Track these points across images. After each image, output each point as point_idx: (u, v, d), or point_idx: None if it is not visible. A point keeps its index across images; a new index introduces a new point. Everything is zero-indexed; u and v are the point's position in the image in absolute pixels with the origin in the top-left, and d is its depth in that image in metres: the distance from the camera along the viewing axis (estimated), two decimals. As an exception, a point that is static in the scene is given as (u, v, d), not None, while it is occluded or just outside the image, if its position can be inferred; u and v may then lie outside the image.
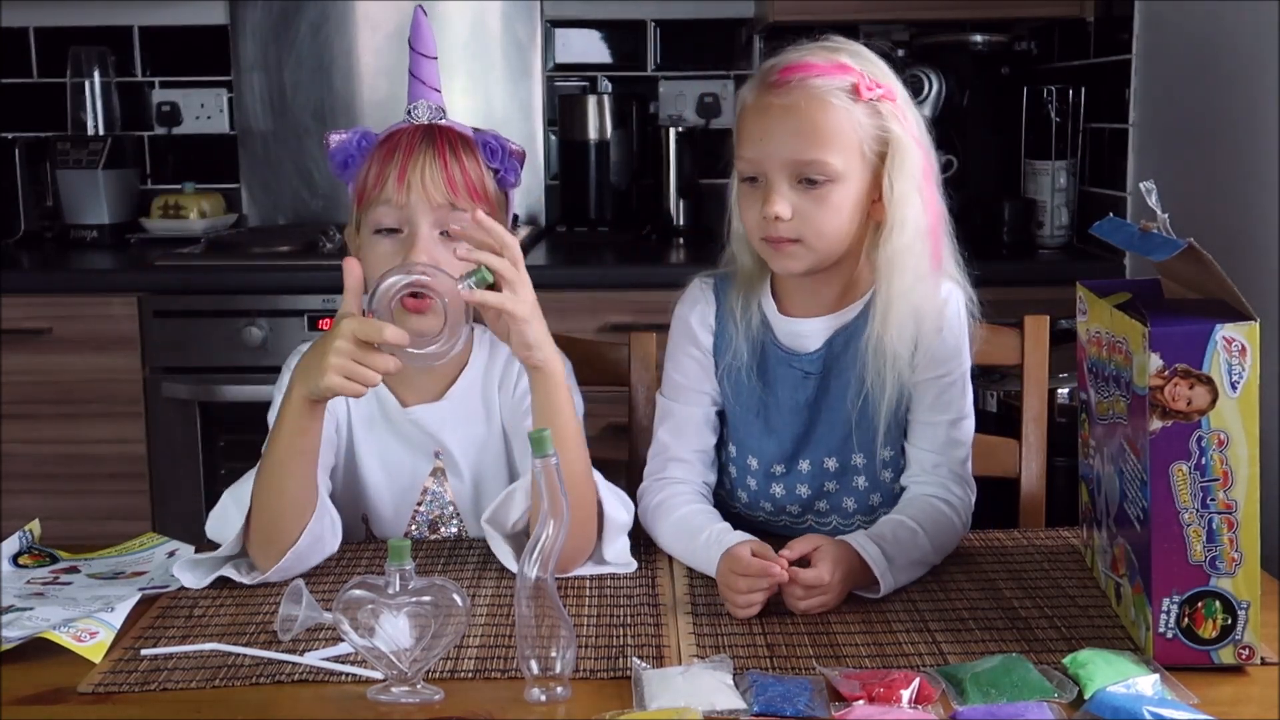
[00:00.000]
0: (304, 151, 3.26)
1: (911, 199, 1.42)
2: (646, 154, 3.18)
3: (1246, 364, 1.11)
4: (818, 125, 1.40)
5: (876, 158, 1.42)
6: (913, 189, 1.42)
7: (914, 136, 1.43)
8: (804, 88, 1.40)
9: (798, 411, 1.52)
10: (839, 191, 1.41)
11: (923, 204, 1.43)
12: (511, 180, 1.49)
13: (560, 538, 1.12)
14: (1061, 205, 2.83)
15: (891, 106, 1.42)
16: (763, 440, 1.54)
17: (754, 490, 1.56)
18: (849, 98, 1.40)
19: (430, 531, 1.56)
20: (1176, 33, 2.36)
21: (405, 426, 1.52)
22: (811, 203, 1.41)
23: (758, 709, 1.08)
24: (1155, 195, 1.20)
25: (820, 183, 1.40)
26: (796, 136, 1.40)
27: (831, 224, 1.42)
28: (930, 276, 1.45)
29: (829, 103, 1.40)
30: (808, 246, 1.43)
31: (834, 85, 1.40)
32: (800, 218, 1.41)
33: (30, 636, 1.20)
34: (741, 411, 1.54)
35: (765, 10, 2.90)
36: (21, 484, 2.68)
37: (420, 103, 1.46)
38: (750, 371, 1.51)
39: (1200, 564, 1.14)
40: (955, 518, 1.47)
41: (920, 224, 1.43)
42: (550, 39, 3.26)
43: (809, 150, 1.40)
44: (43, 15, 3.20)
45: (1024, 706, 1.08)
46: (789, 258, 1.44)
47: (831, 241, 1.43)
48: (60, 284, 2.70)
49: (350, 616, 1.11)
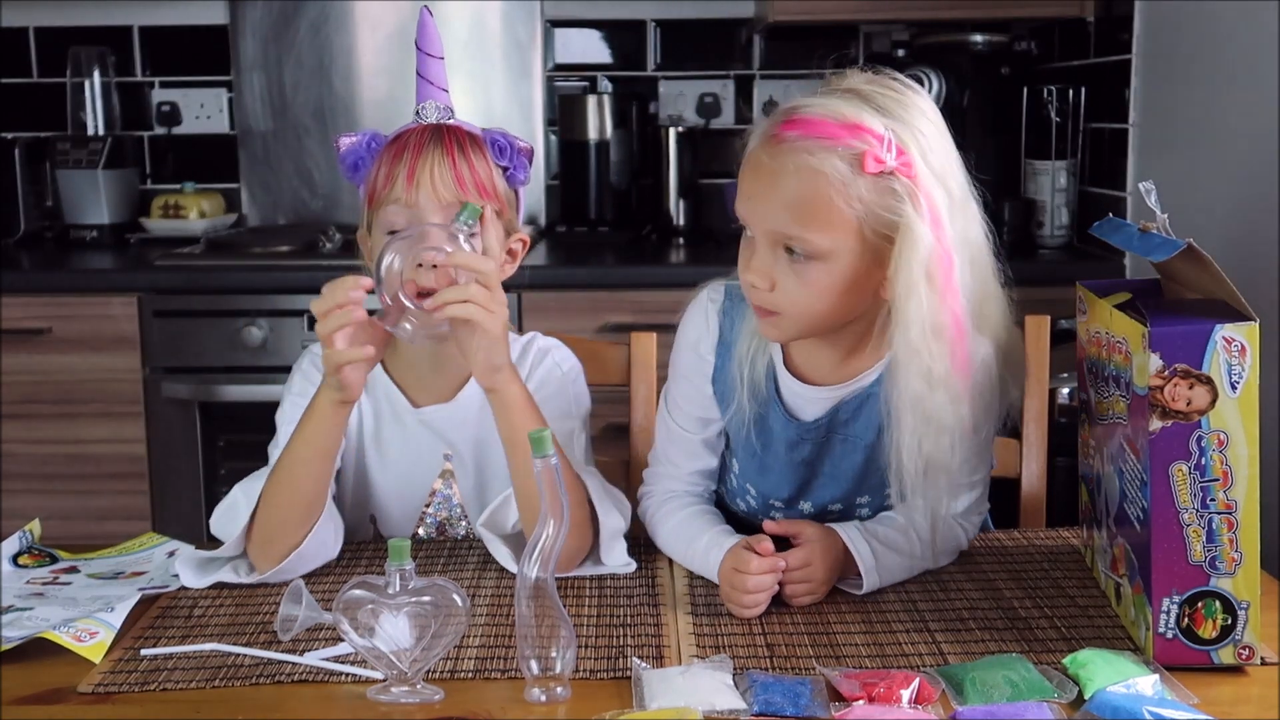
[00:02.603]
0: (304, 151, 3.26)
1: (916, 292, 1.24)
2: (646, 154, 3.18)
3: (1246, 364, 1.11)
4: (804, 199, 1.24)
5: (882, 239, 1.26)
6: (919, 280, 1.24)
7: (935, 220, 1.25)
8: (796, 152, 1.24)
9: (795, 468, 1.46)
10: (823, 271, 1.27)
11: (937, 297, 1.25)
12: (521, 178, 1.49)
13: (560, 538, 1.12)
14: (1061, 205, 2.83)
15: (909, 184, 1.24)
16: (760, 480, 1.50)
17: (753, 507, 1.53)
18: (849, 170, 1.23)
19: (438, 533, 1.56)
20: (1176, 33, 2.36)
21: (415, 427, 1.52)
22: (793, 278, 1.28)
23: (758, 709, 1.08)
24: (1155, 195, 1.20)
25: (805, 259, 1.27)
26: (781, 209, 1.26)
27: (812, 305, 1.29)
28: (947, 382, 1.28)
29: (822, 174, 1.23)
30: (789, 319, 1.31)
31: (833, 153, 1.23)
32: (780, 291, 1.29)
33: (30, 636, 1.20)
34: (739, 451, 1.50)
35: (765, 10, 2.89)
36: (21, 484, 2.68)
37: (429, 103, 1.46)
38: (750, 425, 1.44)
39: (1200, 564, 1.14)
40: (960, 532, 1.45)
41: (931, 321, 1.26)
42: (550, 39, 3.26)
43: (792, 226, 1.26)
44: (43, 15, 3.20)
45: (1024, 706, 1.08)
46: (770, 326, 1.33)
47: (814, 320, 1.31)
48: (60, 284, 2.70)
49: (350, 616, 1.11)
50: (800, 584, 1.31)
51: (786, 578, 1.30)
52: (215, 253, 2.85)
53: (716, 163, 3.26)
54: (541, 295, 2.63)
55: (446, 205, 1.40)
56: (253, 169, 3.28)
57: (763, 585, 1.29)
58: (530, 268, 2.63)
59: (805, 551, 1.31)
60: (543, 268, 2.69)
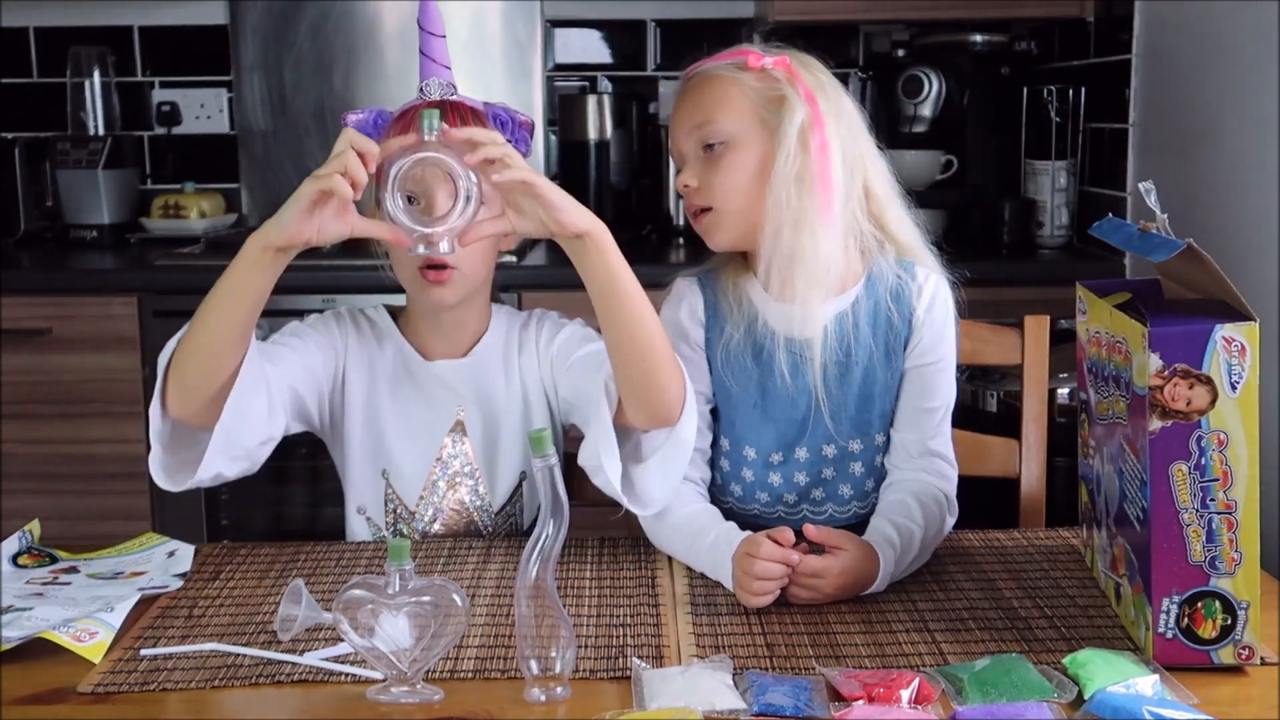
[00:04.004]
0: (304, 151, 3.26)
1: (786, 147, 1.44)
2: (646, 154, 3.18)
3: (1246, 364, 1.11)
4: (707, 95, 1.49)
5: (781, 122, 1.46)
6: (792, 138, 1.44)
7: (807, 98, 1.46)
8: (700, 73, 1.52)
9: (796, 397, 1.52)
10: (736, 154, 1.47)
11: (805, 153, 1.45)
12: (522, 150, 1.52)
13: (560, 537, 1.12)
14: (1061, 205, 2.83)
15: (787, 74, 1.48)
16: (760, 429, 1.54)
17: (750, 482, 1.55)
18: (736, 69, 1.49)
19: (447, 488, 1.57)
20: (1176, 33, 2.36)
21: (428, 382, 1.56)
22: (712, 168, 1.48)
23: (758, 709, 1.08)
24: (1155, 195, 1.20)
25: (716, 147, 1.48)
26: (692, 110, 1.50)
27: (732, 184, 1.47)
28: (816, 227, 1.46)
29: (717, 76, 1.50)
30: (718, 213, 1.49)
31: (724, 63, 1.50)
32: (706, 185, 1.49)
33: (30, 636, 1.20)
34: (739, 399, 1.54)
35: (765, 10, 2.90)
36: (21, 484, 2.68)
37: (432, 80, 1.49)
38: (746, 354, 1.52)
39: (1200, 564, 1.14)
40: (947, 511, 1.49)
41: (797, 172, 1.44)
42: (550, 39, 3.26)
43: (701, 117, 1.48)
44: (43, 15, 3.20)
45: (1024, 706, 1.08)
46: (707, 230, 1.51)
47: (739, 203, 1.48)
48: (60, 284, 2.70)
49: (350, 616, 1.11)
50: (803, 589, 1.31)
51: (794, 577, 1.31)
52: (215, 253, 2.84)
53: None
54: (541, 295, 2.62)
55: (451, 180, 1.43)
56: (253, 169, 3.28)
57: (770, 573, 1.29)
58: (530, 268, 2.63)
59: (825, 563, 1.32)
60: (543, 268, 2.68)
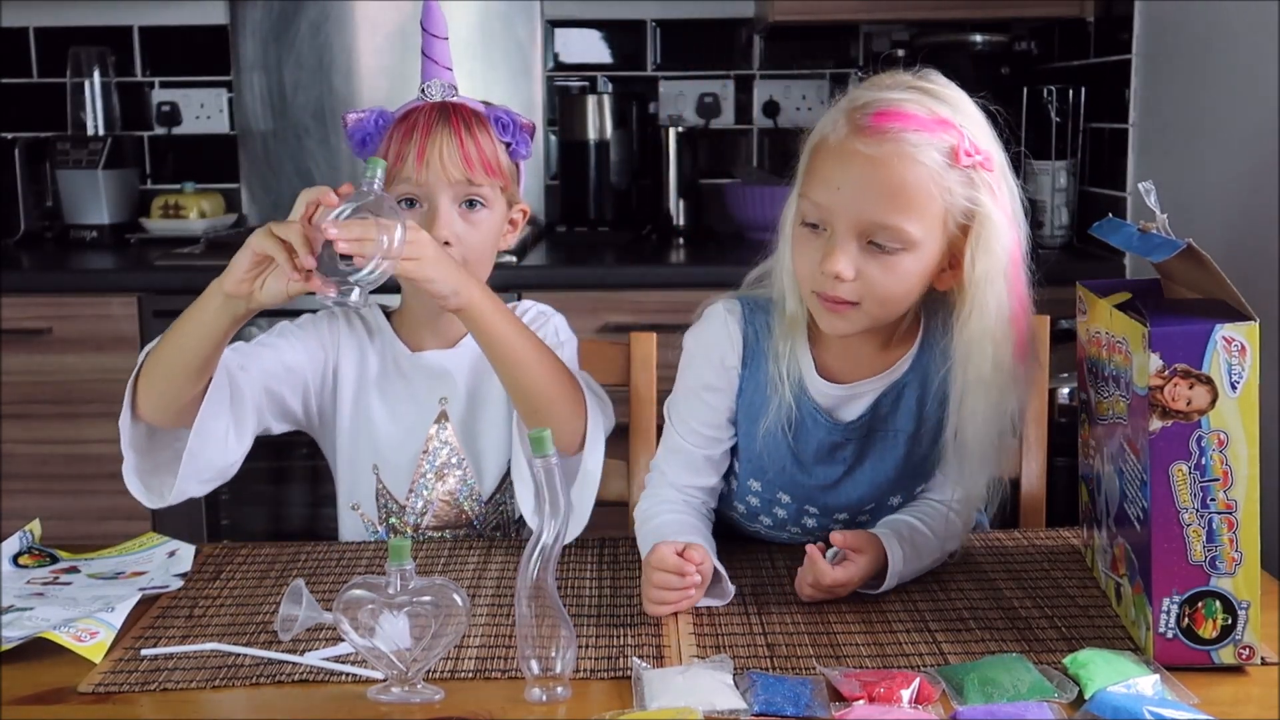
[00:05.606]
0: (304, 151, 3.26)
1: (995, 282, 1.29)
2: (646, 154, 3.17)
3: (1246, 364, 1.11)
4: (905, 187, 1.25)
5: (958, 229, 1.29)
6: (998, 271, 1.29)
7: (1006, 212, 1.30)
8: (898, 141, 1.25)
9: (834, 470, 1.44)
10: (910, 260, 1.28)
11: (1007, 288, 1.30)
12: (523, 153, 1.55)
13: (560, 537, 1.12)
14: (1061, 205, 2.83)
15: (988, 176, 1.28)
16: (794, 488, 1.47)
17: (754, 506, 1.51)
18: (945, 161, 1.26)
19: (435, 480, 1.58)
20: (1176, 33, 2.36)
21: (414, 373, 1.57)
22: (878, 267, 1.28)
23: (758, 709, 1.08)
24: (1155, 195, 1.20)
25: (892, 250, 1.27)
26: (878, 196, 1.26)
27: (896, 292, 1.30)
28: (1012, 369, 1.32)
29: (921, 164, 1.25)
30: (864, 311, 1.30)
31: (931, 145, 1.25)
32: (863, 281, 1.28)
33: (30, 636, 1.20)
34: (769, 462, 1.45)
35: (765, 10, 2.89)
36: (21, 484, 2.68)
37: (434, 81, 1.51)
38: (789, 429, 1.41)
39: (1200, 564, 1.14)
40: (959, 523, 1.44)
41: (1004, 309, 1.30)
42: (550, 39, 3.26)
43: (888, 214, 1.26)
44: (43, 15, 3.20)
45: (1024, 706, 1.08)
46: (841, 319, 1.32)
47: (891, 309, 1.32)
48: (60, 284, 2.70)
49: (350, 616, 1.11)
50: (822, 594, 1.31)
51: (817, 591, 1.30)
52: (215, 253, 2.84)
53: (716, 163, 3.26)
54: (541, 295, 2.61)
55: (454, 183, 1.47)
56: (253, 169, 3.28)
57: (666, 583, 1.26)
58: (530, 268, 2.64)
59: (848, 573, 1.30)
60: (543, 268, 2.68)
